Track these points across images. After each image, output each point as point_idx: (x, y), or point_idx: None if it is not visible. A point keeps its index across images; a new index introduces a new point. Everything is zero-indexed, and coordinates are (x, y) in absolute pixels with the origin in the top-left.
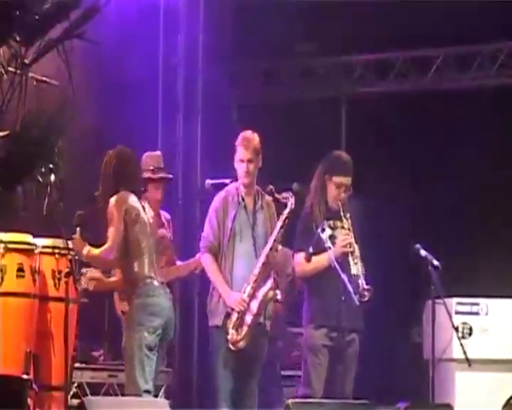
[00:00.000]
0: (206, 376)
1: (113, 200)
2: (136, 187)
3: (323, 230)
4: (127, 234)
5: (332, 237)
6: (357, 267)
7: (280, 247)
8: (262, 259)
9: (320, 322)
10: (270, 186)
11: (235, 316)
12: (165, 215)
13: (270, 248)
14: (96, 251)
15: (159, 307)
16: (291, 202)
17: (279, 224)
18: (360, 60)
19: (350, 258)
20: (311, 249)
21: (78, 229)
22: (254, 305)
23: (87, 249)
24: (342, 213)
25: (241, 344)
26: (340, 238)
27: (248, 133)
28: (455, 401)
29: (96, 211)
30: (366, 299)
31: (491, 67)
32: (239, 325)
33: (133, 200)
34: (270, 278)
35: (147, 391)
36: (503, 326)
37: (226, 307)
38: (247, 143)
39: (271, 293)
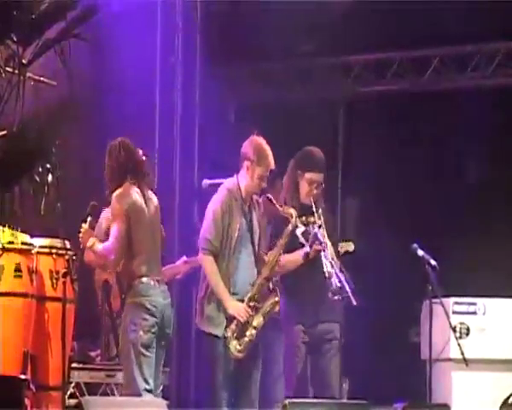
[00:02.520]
0: (204, 377)
1: (115, 195)
2: (141, 176)
3: (297, 226)
4: (129, 230)
5: (305, 233)
6: (330, 265)
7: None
8: (265, 273)
9: (296, 319)
10: (269, 195)
11: (234, 324)
12: None
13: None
14: (99, 246)
15: (153, 307)
16: (294, 218)
17: (281, 241)
18: (358, 60)
19: (322, 256)
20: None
21: (89, 218)
22: (257, 319)
23: (92, 241)
24: (315, 209)
25: (240, 355)
26: (311, 235)
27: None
28: (452, 400)
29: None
30: (338, 298)
31: (488, 68)
32: (239, 334)
33: (136, 194)
34: (275, 291)
35: (148, 391)
36: (501, 326)
37: (226, 314)
38: (272, 161)
39: (277, 307)
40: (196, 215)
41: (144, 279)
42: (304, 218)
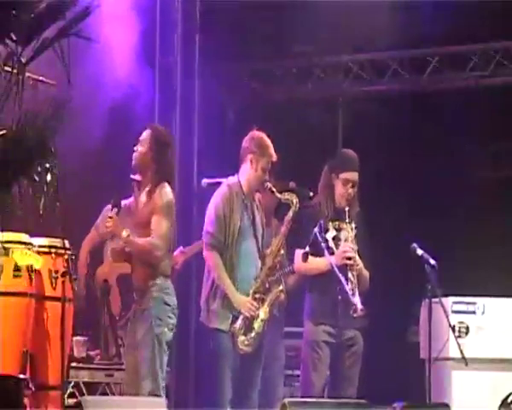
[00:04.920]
0: (204, 375)
1: (163, 191)
2: (171, 174)
3: (327, 230)
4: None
5: (336, 239)
6: (354, 282)
7: (282, 251)
8: (268, 263)
9: (320, 319)
10: (268, 184)
11: (241, 319)
12: None
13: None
14: (140, 240)
15: (174, 306)
16: (295, 205)
17: (283, 228)
18: (357, 60)
19: (349, 271)
20: (307, 249)
21: (115, 209)
22: (264, 310)
23: (127, 233)
24: (348, 220)
25: (248, 349)
26: (342, 249)
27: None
28: (452, 400)
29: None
30: (356, 316)
31: (487, 67)
32: (247, 329)
33: (172, 193)
34: (280, 281)
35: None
36: (500, 325)
37: (232, 309)
38: (273, 152)
39: (282, 296)
40: (196, 215)
41: (167, 279)
42: (337, 223)
